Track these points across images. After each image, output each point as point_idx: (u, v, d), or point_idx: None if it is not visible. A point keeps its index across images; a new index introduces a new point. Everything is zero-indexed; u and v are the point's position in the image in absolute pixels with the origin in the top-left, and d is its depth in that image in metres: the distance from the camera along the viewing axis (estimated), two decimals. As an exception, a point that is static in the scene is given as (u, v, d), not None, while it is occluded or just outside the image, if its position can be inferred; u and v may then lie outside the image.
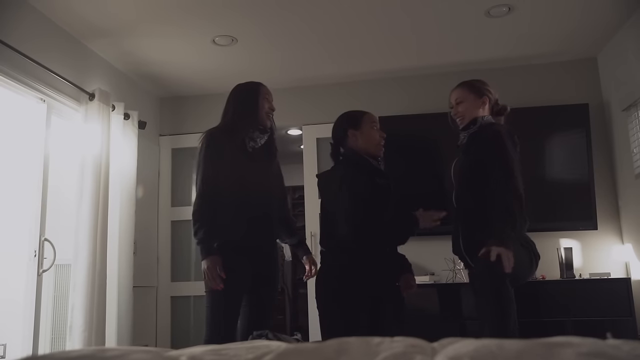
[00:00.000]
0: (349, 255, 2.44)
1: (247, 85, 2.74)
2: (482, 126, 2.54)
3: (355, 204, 2.41)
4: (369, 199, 2.44)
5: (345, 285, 2.43)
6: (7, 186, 3.61)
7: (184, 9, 3.36)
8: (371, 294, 2.46)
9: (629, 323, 3.52)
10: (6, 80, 2.99)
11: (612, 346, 0.89)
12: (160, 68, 4.26)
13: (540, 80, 4.31)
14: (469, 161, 2.56)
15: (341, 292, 2.43)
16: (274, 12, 3.44)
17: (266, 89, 2.74)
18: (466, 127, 2.60)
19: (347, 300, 2.42)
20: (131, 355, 0.99)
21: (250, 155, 2.60)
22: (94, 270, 3.36)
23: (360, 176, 2.49)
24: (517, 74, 4.31)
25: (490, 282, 2.23)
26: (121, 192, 3.83)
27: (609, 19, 3.65)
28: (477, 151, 2.49)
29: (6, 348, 3.27)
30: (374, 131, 2.59)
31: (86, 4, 3.24)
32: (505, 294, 2.23)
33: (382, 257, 2.51)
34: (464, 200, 2.58)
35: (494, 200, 2.34)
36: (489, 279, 2.23)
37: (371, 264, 2.44)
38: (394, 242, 2.55)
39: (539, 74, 4.32)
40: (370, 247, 2.45)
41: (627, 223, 3.94)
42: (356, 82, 4.60)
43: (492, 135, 2.45)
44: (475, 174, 2.49)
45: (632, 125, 3.70)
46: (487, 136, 2.47)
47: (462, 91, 2.64)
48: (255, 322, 2.57)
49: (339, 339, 1.03)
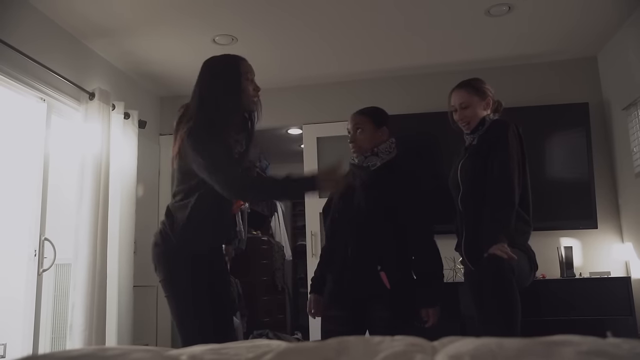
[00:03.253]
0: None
1: (222, 60, 2.28)
2: (490, 126, 2.53)
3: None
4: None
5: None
6: (7, 185, 3.61)
7: (184, 9, 3.36)
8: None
9: (629, 322, 3.52)
10: (6, 79, 2.99)
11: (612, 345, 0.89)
12: (161, 67, 4.26)
13: (540, 79, 4.31)
14: (476, 164, 2.51)
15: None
16: (274, 12, 3.44)
17: (246, 63, 2.27)
18: (475, 129, 2.57)
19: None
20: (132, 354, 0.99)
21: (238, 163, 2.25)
22: (94, 269, 3.36)
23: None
24: (517, 73, 4.31)
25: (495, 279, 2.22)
26: (121, 192, 3.83)
27: (609, 18, 3.65)
28: (485, 153, 2.46)
29: (6, 347, 3.27)
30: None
31: (86, 4, 3.24)
32: (512, 293, 2.21)
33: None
34: (469, 203, 2.53)
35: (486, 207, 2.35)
36: (495, 276, 2.22)
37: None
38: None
39: (538, 73, 4.32)
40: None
41: (627, 222, 3.94)
42: (356, 81, 4.60)
43: (498, 134, 2.44)
44: (481, 178, 2.45)
45: (632, 124, 3.70)
46: (493, 134, 2.47)
47: (467, 94, 2.59)
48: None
49: (339, 337, 1.03)
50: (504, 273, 2.19)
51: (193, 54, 4.04)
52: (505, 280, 2.20)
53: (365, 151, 2.56)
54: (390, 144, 2.60)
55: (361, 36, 3.83)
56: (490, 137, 2.47)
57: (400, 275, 2.42)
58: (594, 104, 4.12)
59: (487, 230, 2.31)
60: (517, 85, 4.23)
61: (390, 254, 2.42)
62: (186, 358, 1.00)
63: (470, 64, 4.26)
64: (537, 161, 4.01)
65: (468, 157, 2.59)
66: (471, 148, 2.58)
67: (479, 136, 2.55)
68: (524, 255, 2.39)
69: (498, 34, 3.85)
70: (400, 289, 2.40)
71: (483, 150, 2.48)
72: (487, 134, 2.51)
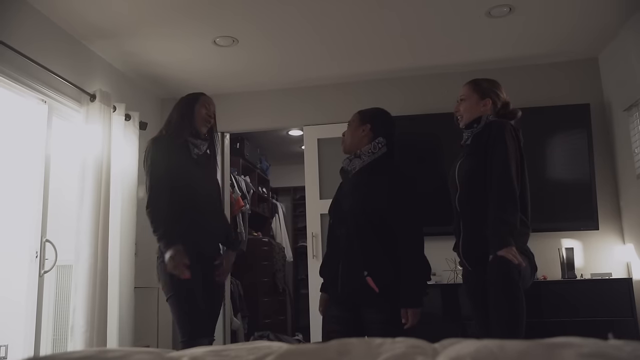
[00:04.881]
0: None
1: (188, 96, 2.86)
2: (486, 125, 2.51)
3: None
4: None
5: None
6: (9, 187, 3.61)
7: (184, 10, 3.36)
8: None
9: (631, 323, 3.51)
10: (7, 81, 3.00)
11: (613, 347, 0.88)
12: (161, 69, 4.26)
13: (541, 81, 4.31)
14: (473, 164, 2.51)
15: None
16: (274, 13, 3.44)
17: (206, 98, 2.85)
18: (469, 126, 2.57)
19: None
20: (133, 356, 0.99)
21: (195, 161, 2.77)
22: (95, 271, 3.36)
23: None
24: (517, 74, 4.31)
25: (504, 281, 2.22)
26: (122, 193, 3.83)
27: (610, 19, 3.64)
28: (482, 153, 2.45)
29: (8, 349, 3.27)
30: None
31: (87, 5, 3.24)
32: (517, 294, 2.21)
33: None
34: (466, 204, 2.53)
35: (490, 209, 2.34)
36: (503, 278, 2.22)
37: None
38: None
39: (539, 74, 4.32)
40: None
41: (629, 223, 3.93)
42: (357, 83, 4.60)
43: (495, 134, 2.42)
44: (479, 178, 2.45)
45: (633, 125, 3.70)
46: (490, 135, 2.44)
47: (468, 89, 2.63)
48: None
49: (340, 339, 1.03)
50: (512, 276, 2.19)
51: (194, 56, 4.05)
52: (513, 283, 2.20)
53: (349, 152, 2.59)
54: (376, 144, 2.53)
55: (362, 37, 3.83)
56: (487, 137, 2.46)
57: (388, 279, 2.37)
58: (595, 105, 4.11)
59: (494, 232, 2.30)
60: (518, 86, 4.22)
61: (376, 258, 2.38)
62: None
63: (470, 65, 4.26)
64: (538, 162, 4.01)
65: (465, 157, 2.59)
66: (466, 147, 2.59)
67: (474, 135, 2.54)
68: (525, 257, 2.39)
69: (499, 35, 3.85)
70: (389, 292, 2.36)
71: (479, 150, 2.48)
72: (483, 134, 2.49)
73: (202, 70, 4.31)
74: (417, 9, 3.45)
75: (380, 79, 4.54)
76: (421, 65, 4.34)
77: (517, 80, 4.28)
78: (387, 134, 2.57)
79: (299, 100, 4.70)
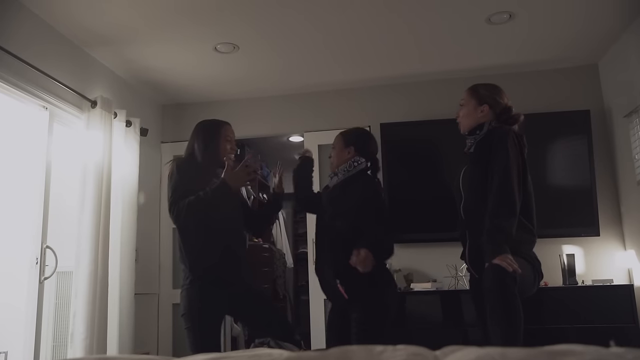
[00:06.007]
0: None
1: (209, 125, 2.78)
2: (489, 132, 2.50)
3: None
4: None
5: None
6: (9, 193, 3.61)
7: (185, 17, 3.37)
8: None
9: (632, 330, 3.50)
10: (8, 87, 3.00)
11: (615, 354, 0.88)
12: (162, 75, 4.27)
13: (542, 87, 4.31)
14: (476, 171, 2.50)
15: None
16: (275, 20, 3.45)
17: (228, 128, 2.77)
18: (472, 132, 2.57)
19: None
20: (133, 363, 0.99)
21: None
22: (95, 277, 3.35)
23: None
24: (518, 80, 4.31)
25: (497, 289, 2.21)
26: (123, 199, 3.83)
27: (610, 26, 3.65)
28: (485, 160, 2.44)
29: (7, 356, 3.26)
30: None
31: (88, 12, 3.26)
32: (513, 302, 2.20)
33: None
34: (471, 211, 2.52)
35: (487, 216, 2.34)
36: (497, 286, 2.21)
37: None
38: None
39: (540, 81, 4.33)
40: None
41: (630, 229, 3.92)
42: (358, 89, 4.60)
43: (497, 141, 2.41)
44: (482, 185, 2.43)
45: (633, 131, 3.70)
46: (492, 142, 2.43)
47: (467, 95, 2.63)
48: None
49: (341, 347, 1.03)
50: (505, 283, 2.18)
51: (195, 62, 4.06)
52: (507, 291, 2.19)
53: (332, 170, 2.81)
54: (352, 162, 2.72)
55: (363, 44, 3.84)
56: (490, 144, 2.45)
57: (358, 287, 2.52)
58: (595, 112, 4.12)
59: (489, 240, 2.30)
60: (518, 92, 4.20)
61: (346, 269, 2.49)
62: (188, 367, 0.99)
63: (471, 71, 4.27)
64: (538, 168, 4.01)
65: (469, 164, 2.58)
66: (470, 155, 2.57)
67: (477, 142, 2.53)
68: (528, 265, 2.37)
69: (499, 42, 3.85)
70: (359, 297, 2.53)
71: (482, 157, 2.46)
72: (486, 141, 2.48)
73: (202, 76, 4.32)
74: (418, 16, 3.45)
75: (381, 85, 4.53)
76: (422, 71, 4.35)
77: (517, 86, 4.27)
78: (369, 152, 2.78)
79: (300, 107, 4.71)
